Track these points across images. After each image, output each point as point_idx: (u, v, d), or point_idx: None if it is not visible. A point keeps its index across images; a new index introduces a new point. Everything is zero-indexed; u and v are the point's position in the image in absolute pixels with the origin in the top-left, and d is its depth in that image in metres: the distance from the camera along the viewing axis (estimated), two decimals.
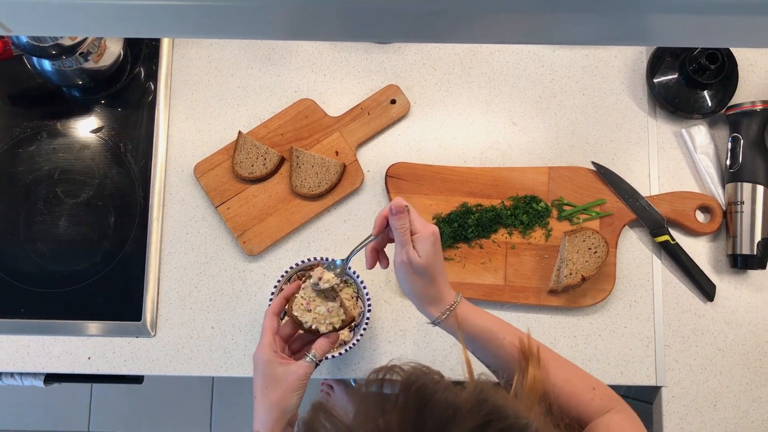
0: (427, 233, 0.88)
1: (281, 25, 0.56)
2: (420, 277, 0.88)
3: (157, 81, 1.29)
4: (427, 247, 0.87)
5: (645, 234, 1.24)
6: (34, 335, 1.21)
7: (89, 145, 1.27)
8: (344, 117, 1.26)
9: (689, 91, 1.23)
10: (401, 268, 0.89)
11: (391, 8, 0.50)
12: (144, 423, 2.25)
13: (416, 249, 0.88)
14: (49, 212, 1.24)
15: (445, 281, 0.90)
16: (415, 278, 0.88)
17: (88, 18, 0.54)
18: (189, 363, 1.20)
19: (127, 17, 0.54)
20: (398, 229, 0.88)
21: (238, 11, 0.52)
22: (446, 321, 0.90)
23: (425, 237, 0.88)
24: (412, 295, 0.91)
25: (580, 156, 1.26)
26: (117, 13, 0.53)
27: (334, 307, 1.00)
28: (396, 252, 0.90)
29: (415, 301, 0.91)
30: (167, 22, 0.55)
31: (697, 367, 1.20)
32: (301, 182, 1.22)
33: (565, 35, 0.58)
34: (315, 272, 1.00)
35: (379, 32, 0.59)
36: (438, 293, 0.89)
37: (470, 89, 1.29)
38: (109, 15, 0.53)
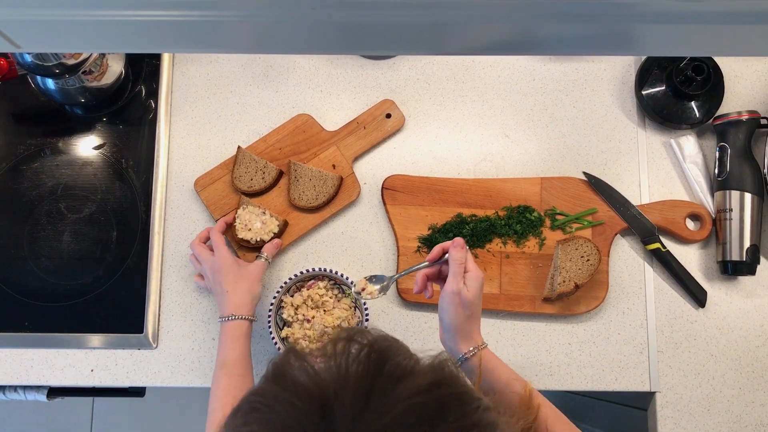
0: (479, 274, 0.98)
1: (279, 40, 0.59)
2: (464, 309, 0.96)
3: (157, 98, 1.32)
4: (476, 285, 0.97)
5: (636, 242, 1.26)
6: (38, 348, 1.23)
7: (92, 162, 1.30)
8: (341, 131, 1.29)
9: (677, 103, 1.26)
10: (450, 297, 0.96)
11: (384, 22, 0.53)
12: (147, 430, 2.26)
13: (466, 284, 0.97)
14: (52, 227, 1.27)
15: (478, 324, 0.99)
16: (460, 310, 0.96)
17: (92, 34, 0.56)
18: (191, 374, 1.22)
19: (131, 33, 0.56)
20: (456, 260, 0.97)
21: (237, 27, 0.55)
22: (471, 359, 0.97)
23: (477, 276, 0.98)
24: (449, 326, 0.98)
25: (571, 167, 1.29)
26: (123, 30, 0.55)
27: (266, 219, 1.22)
28: (448, 281, 0.97)
29: (450, 332, 0.98)
30: (170, 37, 0.57)
31: (691, 372, 1.22)
32: (299, 195, 1.24)
33: (554, 46, 0.60)
34: (359, 283, 1.10)
35: (371, 46, 0.61)
36: (471, 331, 0.98)
37: (464, 103, 1.32)
38: (114, 31, 0.55)
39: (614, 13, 0.50)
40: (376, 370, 0.55)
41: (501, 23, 0.53)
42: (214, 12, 0.51)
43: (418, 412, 0.53)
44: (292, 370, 0.56)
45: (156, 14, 0.52)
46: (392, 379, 0.54)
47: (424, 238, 1.24)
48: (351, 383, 0.54)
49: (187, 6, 0.50)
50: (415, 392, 0.54)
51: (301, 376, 0.55)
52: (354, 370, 0.55)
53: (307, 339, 1.16)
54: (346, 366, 0.55)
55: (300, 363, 0.56)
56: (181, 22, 0.53)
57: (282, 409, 0.54)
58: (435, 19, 0.51)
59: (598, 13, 0.50)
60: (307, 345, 1.16)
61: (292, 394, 0.54)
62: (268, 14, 0.51)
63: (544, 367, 1.22)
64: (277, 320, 1.20)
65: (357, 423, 0.51)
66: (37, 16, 0.52)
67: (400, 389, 0.54)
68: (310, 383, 0.55)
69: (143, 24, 0.53)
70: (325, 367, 0.55)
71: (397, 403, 0.53)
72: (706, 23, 0.52)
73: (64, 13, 0.52)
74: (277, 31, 0.56)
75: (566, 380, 1.22)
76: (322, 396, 0.53)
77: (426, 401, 0.54)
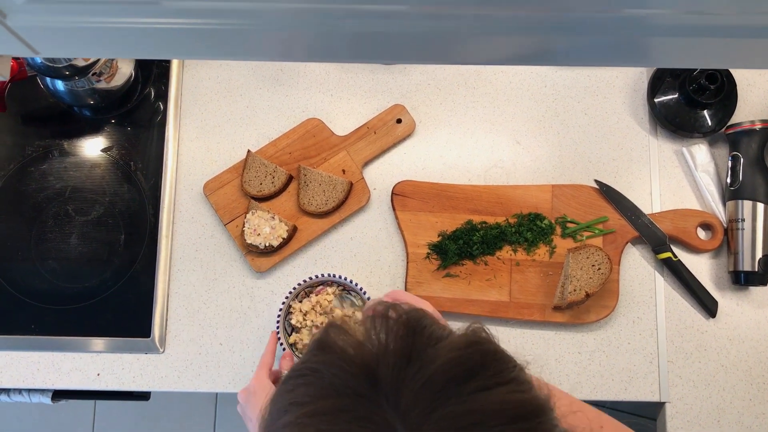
0: None
1: (292, 49, 0.59)
2: None
3: (167, 101, 1.31)
4: None
5: (647, 251, 1.25)
6: (44, 351, 1.22)
7: (100, 164, 1.29)
8: (351, 136, 1.28)
9: (689, 111, 1.26)
10: None
11: (395, 32, 0.52)
12: None
13: None
14: (59, 230, 1.26)
15: None
16: None
17: (110, 40, 0.56)
18: (197, 379, 1.22)
19: (149, 40, 0.56)
20: None
21: (252, 34, 0.54)
22: None
23: None
24: None
25: (582, 174, 1.28)
26: (141, 36, 0.55)
27: (275, 224, 1.22)
28: None
29: None
30: (186, 44, 0.57)
31: (701, 383, 1.21)
32: (308, 200, 1.24)
33: (566, 58, 0.60)
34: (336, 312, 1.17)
35: (383, 54, 0.61)
36: None
37: (474, 109, 1.32)
38: (132, 38, 0.55)
39: (625, 26, 0.50)
40: (414, 335, 0.58)
41: (513, 35, 0.52)
42: (229, 21, 0.51)
43: (457, 364, 0.55)
44: (335, 341, 0.59)
45: (175, 22, 0.52)
46: (431, 341, 0.57)
47: (434, 245, 1.23)
48: (392, 348, 0.57)
49: (203, 14, 0.50)
50: (453, 348, 0.57)
51: (344, 344, 0.58)
52: (393, 337, 0.58)
53: None
54: (386, 334, 0.58)
55: (342, 335, 0.59)
56: (197, 30, 0.52)
57: (329, 372, 0.56)
58: (447, 30, 0.51)
59: (609, 25, 0.50)
60: None
61: (338, 359, 0.57)
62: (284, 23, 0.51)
63: (554, 376, 1.21)
64: (286, 326, 1.19)
65: (401, 380, 0.54)
66: (57, 23, 0.52)
67: (439, 347, 0.56)
68: (353, 350, 0.57)
69: (161, 31, 0.53)
70: (366, 336, 0.59)
71: (436, 358, 0.55)
72: (718, 36, 0.51)
73: (84, 20, 0.51)
74: (294, 40, 0.56)
75: (575, 389, 1.21)
76: (366, 360, 0.56)
77: (464, 355, 0.56)
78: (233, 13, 0.50)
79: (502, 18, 0.49)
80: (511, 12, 0.48)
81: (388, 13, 0.48)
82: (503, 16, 0.49)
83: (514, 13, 0.48)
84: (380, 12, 0.48)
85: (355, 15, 0.48)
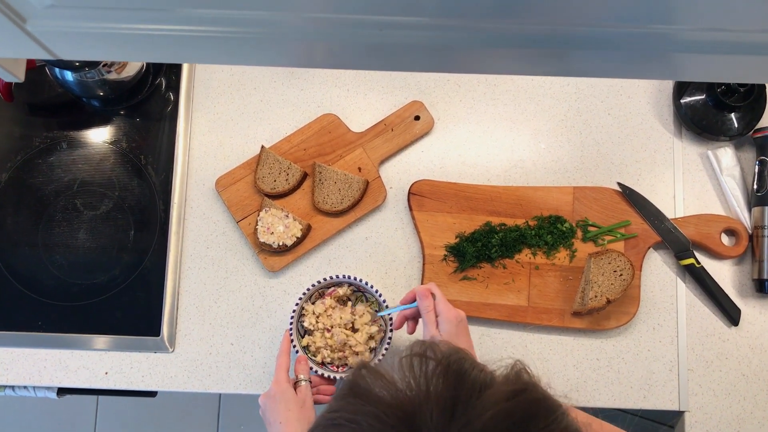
0: (450, 316, 0.97)
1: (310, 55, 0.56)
2: None
3: (178, 93, 1.28)
4: (449, 328, 0.96)
5: (670, 256, 1.22)
6: (51, 349, 1.20)
7: (109, 157, 1.26)
8: (367, 133, 1.25)
9: (716, 113, 1.22)
10: None
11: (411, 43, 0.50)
12: (151, 429, 2.24)
13: (440, 329, 0.97)
14: (67, 224, 1.23)
15: None
16: None
17: (128, 45, 0.53)
18: (207, 380, 1.19)
19: (166, 45, 0.53)
20: (423, 309, 0.99)
21: (267, 42, 0.52)
22: None
23: (448, 319, 0.97)
24: None
25: (605, 176, 1.25)
26: (157, 42, 0.52)
27: (289, 222, 1.19)
28: (423, 331, 1.00)
29: None
30: (199, 50, 0.54)
31: (721, 392, 1.19)
32: (323, 198, 1.21)
33: (590, 70, 0.57)
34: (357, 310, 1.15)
35: (399, 64, 0.58)
36: None
37: (495, 106, 1.28)
38: (148, 42, 0.53)
39: (648, 41, 0.48)
40: (456, 383, 0.54)
41: (533, 48, 0.50)
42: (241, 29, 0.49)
43: (506, 417, 0.52)
44: (371, 386, 0.55)
45: (195, 29, 0.50)
46: (474, 391, 0.54)
47: (451, 247, 1.20)
48: (433, 398, 0.53)
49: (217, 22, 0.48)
50: (500, 399, 0.53)
51: (381, 391, 0.55)
52: (435, 385, 0.54)
53: (329, 348, 1.13)
54: (426, 382, 0.54)
55: (378, 379, 0.56)
56: (213, 37, 0.51)
57: (366, 423, 0.53)
58: (463, 42, 0.49)
59: (632, 41, 0.48)
60: (328, 354, 1.13)
61: (375, 407, 0.53)
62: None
63: (571, 382, 1.19)
64: (299, 328, 1.16)
65: None
66: (76, 28, 0.49)
67: (484, 398, 0.53)
68: (391, 398, 0.54)
69: (177, 38, 0.51)
70: (404, 383, 0.55)
71: (484, 411, 0.52)
72: (739, 54, 0.49)
73: (102, 26, 0.49)
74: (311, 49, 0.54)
75: (593, 397, 1.19)
76: (406, 411, 0.53)
77: (512, 407, 0.53)
78: (242, 21, 0.47)
79: (524, 32, 0.48)
80: (533, 26, 0.46)
81: (406, 24, 0.45)
82: (525, 30, 0.47)
83: (536, 27, 0.46)
84: (397, 23, 0.45)
85: (373, 25, 0.46)
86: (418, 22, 0.44)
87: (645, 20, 0.46)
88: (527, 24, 0.45)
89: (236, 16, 0.47)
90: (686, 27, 0.47)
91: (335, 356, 1.13)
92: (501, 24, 0.44)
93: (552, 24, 0.46)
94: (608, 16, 0.45)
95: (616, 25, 0.47)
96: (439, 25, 0.44)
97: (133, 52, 0.57)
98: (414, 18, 0.43)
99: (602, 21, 0.46)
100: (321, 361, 1.13)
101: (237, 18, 0.47)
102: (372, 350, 1.15)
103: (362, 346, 1.13)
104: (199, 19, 0.49)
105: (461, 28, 0.45)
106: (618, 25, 0.47)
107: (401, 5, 0.42)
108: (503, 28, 0.45)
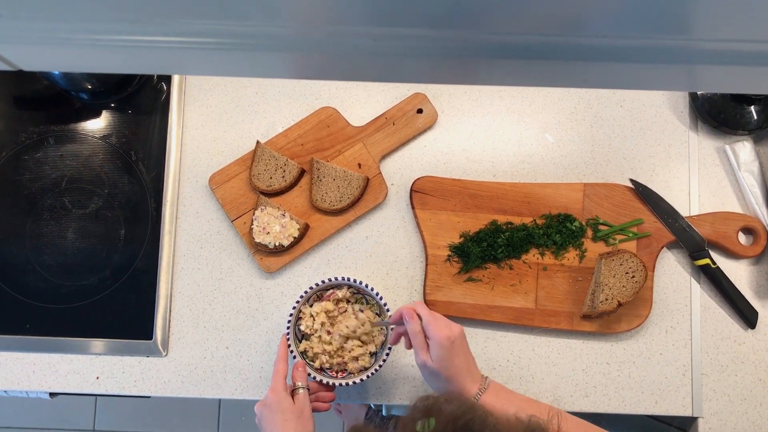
0: (440, 338, 0.90)
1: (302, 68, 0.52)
2: (436, 378, 0.92)
3: (170, 85, 1.22)
4: (439, 353, 0.90)
5: (684, 256, 1.17)
6: (40, 353, 1.15)
7: (98, 153, 1.21)
8: (368, 127, 1.19)
9: (735, 106, 1.16)
10: (420, 370, 0.94)
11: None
12: (150, 422, 2.21)
13: (430, 353, 0.91)
14: (55, 223, 1.18)
15: (465, 376, 0.93)
16: (432, 379, 0.93)
17: (94, 56, 0.48)
18: (202, 385, 1.15)
19: (145, 56, 0.48)
20: (411, 333, 0.93)
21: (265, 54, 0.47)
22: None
23: (437, 342, 0.90)
24: (435, 390, 0.95)
25: (616, 172, 1.19)
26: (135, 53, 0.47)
27: (286, 222, 1.14)
28: (414, 354, 0.94)
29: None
30: (186, 62, 0.49)
31: (736, 397, 1.14)
32: (321, 196, 1.15)
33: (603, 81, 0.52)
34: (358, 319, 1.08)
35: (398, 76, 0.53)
36: (459, 390, 0.92)
37: (501, 98, 1.22)
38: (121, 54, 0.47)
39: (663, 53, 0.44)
40: None
41: (542, 60, 0.46)
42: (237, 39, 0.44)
43: None
44: None
45: (175, 41, 0.45)
46: None
47: (455, 247, 1.15)
48: None
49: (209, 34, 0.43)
50: None
51: None
52: None
53: (327, 354, 1.08)
54: None
55: None
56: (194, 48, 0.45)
57: None
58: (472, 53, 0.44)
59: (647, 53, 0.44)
60: (327, 360, 1.08)
61: None
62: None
63: (580, 387, 1.14)
64: (296, 332, 1.11)
65: None
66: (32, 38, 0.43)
67: None
68: None
69: (157, 49, 0.46)
70: None
71: None
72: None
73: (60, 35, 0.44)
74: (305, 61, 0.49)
75: (603, 402, 1.14)
76: None
77: None
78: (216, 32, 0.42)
79: (534, 43, 0.43)
80: (543, 37, 0.42)
81: (403, 34, 0.40)
82: (536, 41, 0.43)
83: (546, 38, 0.42)
84: (394, 33, 0.40)
85: (371, 37, 0.40)
86: (417, 31, 0.38)
87: (661, 31, 0.41)
88: (537, 35, 0.40)
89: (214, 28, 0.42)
90: (703, 38, 0.42)
91: (334, 362, 1.09)
92: (508, 36, 0.39)
93: (559, 35, 0.42)
94: (624, 27, 0.40)
95: (633, 36, 0.42)
96: (441, 36, 0.39)
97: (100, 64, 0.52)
98: (414, 28, 0.38)
99: (617, 32, 0.41)
100: (319, 367, 1.09)
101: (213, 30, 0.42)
102: (372, 355, 1.10)
103: (361, 349, 1.08)
104: (181, 31, 0.44)
105: (466, 38, 0.39)
106: (633, 36, 0.42)
107: (399, 15, 0.37)
108: (510, 40, 0.39)
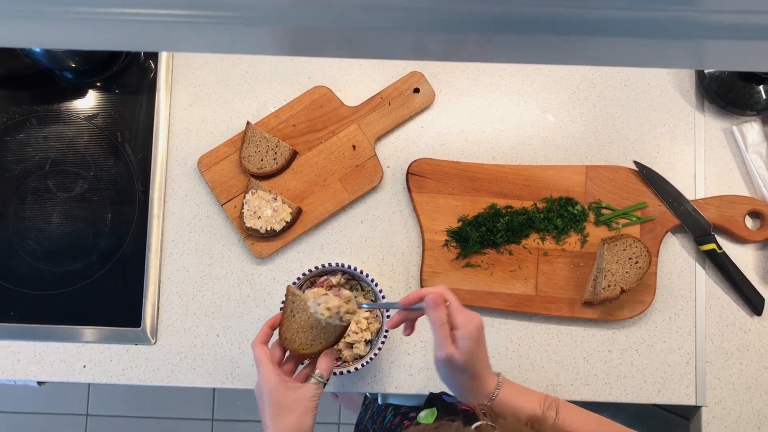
0: (470, 329, 0.80)
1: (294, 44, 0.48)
2: (461, 374, 0.81)
3: (157, 63, 1.18)
4: (469, 345, 0.80)
5: (689, 241, 1.13)
6: (26, 341, 1.12)
7: (83, 134, 1.16)
8: (362, 107, 1.15)
9: (743, 85, 1.12)
10: (441, 365, 0.82)
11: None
12: (145, 405, 2.19)
13: (457, 345, 0.80)
14: (39, 207, 1.14)
15: (487, 371, 0.84)
16: (456, 375, 0.82)
17: (77, 32, 0.44)
18: (192, 373, 1.12)
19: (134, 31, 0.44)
20: (435, 323, 0.81)
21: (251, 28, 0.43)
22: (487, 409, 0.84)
23: (468, 333, 0.80)
24: (452, 389, 0.86)
25: (620, 154, 1.15)
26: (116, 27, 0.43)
27: (278, 206, 1.07)
28: (435, 346, 0.82)
29: (456, 393, 0.87)
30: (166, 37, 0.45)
31: (741, 386, 1.11)
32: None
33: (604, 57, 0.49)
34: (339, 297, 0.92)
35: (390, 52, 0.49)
36: (480, 386, 0.83)
37: (501, 77, 1.18)
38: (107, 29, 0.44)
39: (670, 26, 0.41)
40: None
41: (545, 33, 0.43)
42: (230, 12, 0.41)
43: None
44: None
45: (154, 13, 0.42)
46: None
47: (453, 231, 1.11)
48: None
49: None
50: None
51: None
52: None
53: None
54: None
55: None
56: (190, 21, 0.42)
57: None
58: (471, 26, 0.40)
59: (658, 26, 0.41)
60: None
61: None
62: None
63: (581, 375, 1.11)
64: None
65: None
66: None
67: None
68: None
69: (136, 23, 0.42)
70: None
71: None
72: None
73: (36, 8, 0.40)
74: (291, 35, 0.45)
75: (604, 391, 1.11)
76: None
77: None
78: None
79: (530, 15, 0.40)
80: (541, 8, 0.39)
81: (396, 5, 0.36)
82: (532, 12, 0.40)
83: (545, 9, 0.39)
84: (391, 4, 0.36)
85: (362, 9, 0.37)
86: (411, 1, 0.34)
87: (668, 2, 0.38)
88: (541, 6, 0.36)
89: None
90: (711, 8, 0.39)
91: None
92: (506, 6, 0.35)
93: (560, 5, 0.38)
94: None
95: (635, 8, 0.39)
96: (438, 7, 0.35)
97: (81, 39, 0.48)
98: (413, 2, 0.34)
99: (623, 3, 0.38)
100: None
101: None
102: (368, 343, 1.07)
103: (356, 336, 1.05)
104: (166, 3, 0.40)
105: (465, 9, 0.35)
106: (637, 7, 0.39)
107: None
108: (508, 10, 0.35)
